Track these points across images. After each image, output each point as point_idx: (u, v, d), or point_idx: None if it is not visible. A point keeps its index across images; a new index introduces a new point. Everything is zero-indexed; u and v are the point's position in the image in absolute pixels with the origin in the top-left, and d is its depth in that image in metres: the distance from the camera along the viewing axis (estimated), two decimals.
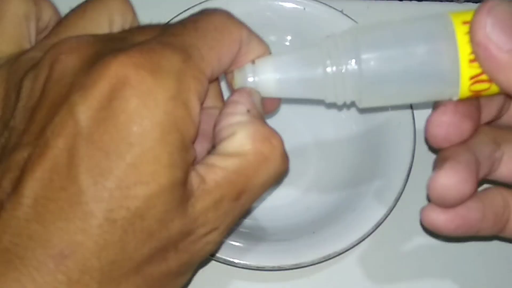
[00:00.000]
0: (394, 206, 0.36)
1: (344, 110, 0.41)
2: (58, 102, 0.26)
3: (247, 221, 0.38)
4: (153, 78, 0.25)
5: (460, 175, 0.28)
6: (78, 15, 0.32)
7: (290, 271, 0.37)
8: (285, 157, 0.29)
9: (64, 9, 0.33)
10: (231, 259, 0.35)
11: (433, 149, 0.33)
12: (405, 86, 0.29)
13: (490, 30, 0.26)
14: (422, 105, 0.41)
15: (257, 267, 0.35)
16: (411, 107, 0.39)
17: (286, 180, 0.40)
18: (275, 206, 0.39)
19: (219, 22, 0.29)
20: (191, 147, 0.27)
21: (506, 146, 0.31)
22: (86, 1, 0.32)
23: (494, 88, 0.28)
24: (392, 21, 0.29)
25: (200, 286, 0.37)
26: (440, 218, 0.29)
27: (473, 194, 0.29)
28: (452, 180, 0.28)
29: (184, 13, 0.41)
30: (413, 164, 0.37)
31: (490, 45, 0.26)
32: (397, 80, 0.28)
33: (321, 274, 0.37)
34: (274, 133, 0.29)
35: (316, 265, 0.36)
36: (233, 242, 0.35)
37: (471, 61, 0.27)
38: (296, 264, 0.35)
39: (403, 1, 0.46)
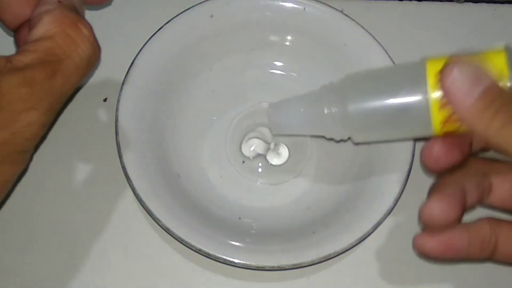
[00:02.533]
0: (394, 206, 0.36)
1: None
2: None
3: (247, 221, 0.38)
4: None
5: (444, 204, 0.32)
6: None
7: (290, 271, 0.37)
8: (94, 43, 0.32)
9: None
10: (231, 259, 0.35)
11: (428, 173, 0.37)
12: (385, 130, 0.34)
13: (453, 77, 0.30)
14: None
15: (257, 267, 0.35)
16: None
17: (284, 178, 0.40)
18: (275, 206, 0.39)
19: None
20: None
21: (494, 176, 0.34)
22: None
23: (464, 128, 0.31)
24: (375, 71, 0.34)
25: (200, 286, 0.37)
26: (428, 244, 0.32)
27: (459, 222, 0.33)
28: (438, 208, 0.32)
29: (184, 13, 0.41)
30: (413, 164, 0.37)
31: (455, 92, 0.30)
32: (377, 125, 0.33)
33: (321, 274, 0.37)
34: (82, 19, 0.32)
35: (316, 265, 0.36)
36: (233, 242, 0.35)
37: (442, 106, 0.31)
38: (296, 264, 0.35)
39: (403, 1, 0.46)
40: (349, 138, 0.36)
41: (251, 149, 0.40)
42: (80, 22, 0.32)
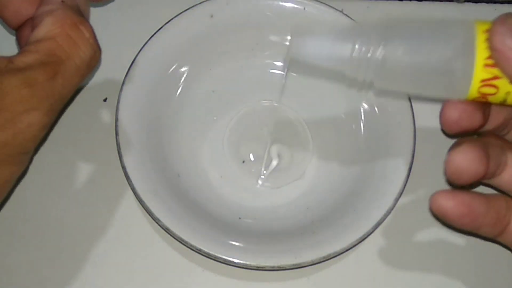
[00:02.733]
0: (394, 206, 0.36)
1: (344, 111, 0.41)
2: None
3: (247, 221, 0.38)
4: None
5: (475, 153, 0.30)
6: None
7: (290, 271, 0.37)
8: (94, 45, 0.33)
9: None
10: (231, 259, 0.35)
11: (445, 134, 0.36)
12: (420, 77, 0.31)
13: (505, 37, 0.29)
14: (423, 105, 0.41)
15: (257, 267, 0.35)
16: (411, 107, 0.39)
17: (286, 180, 0.40)
18: (275, 206, 0.39)
19: None
20: None
21: (510, 154, 0.32)
22: None
23: (499, 95, 0.31)
24: (421, 19, 0.32)
25: (200, 286, 0.37)
26: (448, 204, 0.31)
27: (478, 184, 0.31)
28: (468, 156, 0.30)
29: (184, 13, 0.41)
30: (413, 164, 0.37)
31: (505, 49, 0.29)
32: (414, 72, 0.31)
33: (321, 274, 0.37)
34: (83, 21, 0.32)
35: (316, 265, 0.36)
36: (233, 242, 0.35)
37: (486, 65, 0.30)
38: (296, 264, 0.35)
39: (403, 1, 0.46)
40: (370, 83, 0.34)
41: (251, 150, 0.40)
42: (82, 24, 0.32)
